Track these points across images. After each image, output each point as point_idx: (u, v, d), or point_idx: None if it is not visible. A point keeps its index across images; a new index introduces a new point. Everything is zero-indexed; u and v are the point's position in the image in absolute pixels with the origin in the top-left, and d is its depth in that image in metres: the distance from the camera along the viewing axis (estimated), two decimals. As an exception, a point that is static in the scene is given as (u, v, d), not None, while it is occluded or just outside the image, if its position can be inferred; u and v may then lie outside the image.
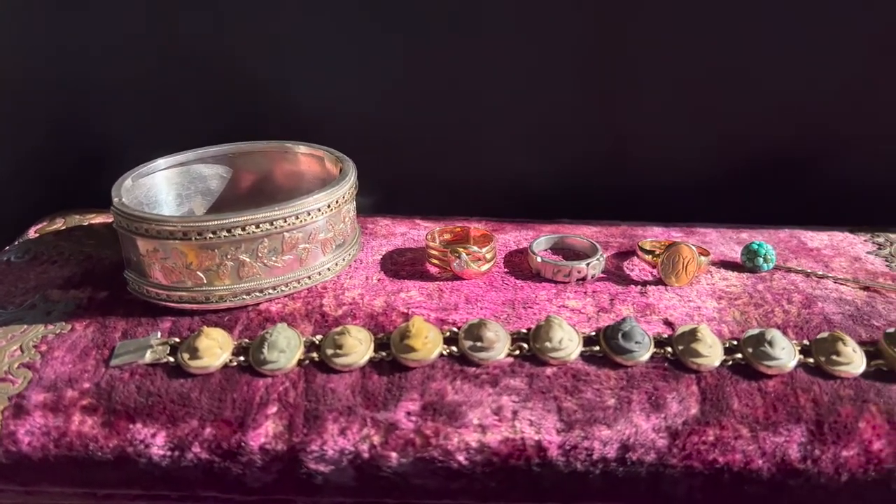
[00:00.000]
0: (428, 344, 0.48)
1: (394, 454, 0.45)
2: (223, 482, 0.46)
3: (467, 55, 0.70)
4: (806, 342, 0.50)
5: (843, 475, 0.45)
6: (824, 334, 0.50)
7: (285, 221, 0.51)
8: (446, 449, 0.45)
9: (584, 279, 0.57)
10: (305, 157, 0.63)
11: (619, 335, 0.49)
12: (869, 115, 0.71)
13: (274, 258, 0.52)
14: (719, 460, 0.45)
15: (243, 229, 0.50)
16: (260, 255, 0.51)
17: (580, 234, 0.63)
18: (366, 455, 0.45)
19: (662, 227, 0.68)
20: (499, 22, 0.69)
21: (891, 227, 0.70)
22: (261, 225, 0.50)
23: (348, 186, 0.55)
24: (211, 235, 0.50)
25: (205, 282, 0.51)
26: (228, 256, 0.51)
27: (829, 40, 0.68)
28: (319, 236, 0.53)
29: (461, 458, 0.45)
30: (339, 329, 0.49)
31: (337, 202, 0.54)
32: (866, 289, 0.57)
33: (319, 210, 0.53)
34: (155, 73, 0.70)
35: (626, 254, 0.61)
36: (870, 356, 0.49)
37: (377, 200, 0.77)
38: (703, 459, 0.45)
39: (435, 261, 0.58)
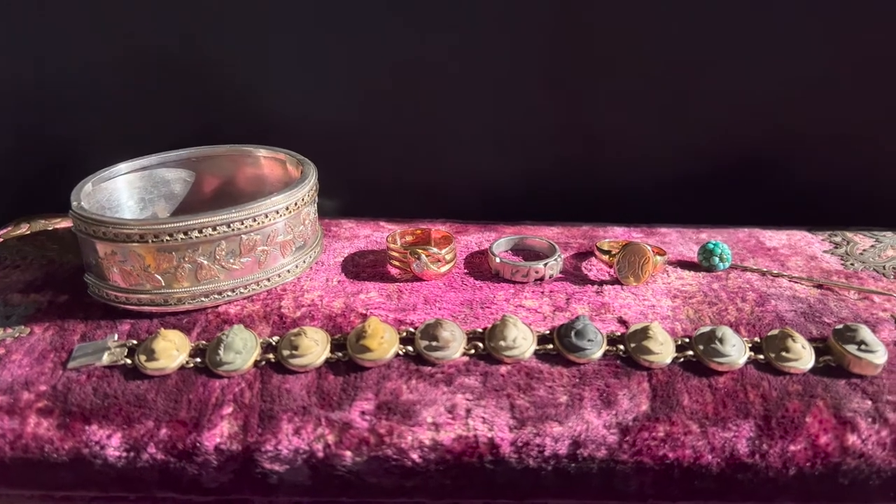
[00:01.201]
0: (384, 344, 0.49)
1: (348, 453, 0.45)
2: (179, 483, 0.46)
3: (433, 59, 0.71)
4: (757, 339, 0.51)
5: (791, 469, 0.45)
6: (775, 331, 0.51)
7: (242, 224, 0.51)
8: (400, 447, 0.45)
9: (542, 279, 0.57)
10: (267, 160, 0.63)
11: (573, 333, 0.49)
12: (832, 116, 0.72)
13: (232, 260, 0.52)
14: (669, 456, 0.45)
15: (200, 232, 0.50)
16: (218, 257, 0.52)
17: (542, 235, 0.64)
18: (320, 454, 0.45)
19: (624, 228, 0.69)
20: (465, 25, 0.69)
21: (852, 226, 0.70)
22: (218, 227, 0.51)
23: (308, 189, 0.56)
24: (168, 238, 0.50)
25: (163, 284, 0.52)
26: (186, 259, 0.51)
27: (791, 44, 0.69)
28: (278, 239, 0.54)
29: (415, 456, 0.45)
30: (295, 330, 0.50)
31: (296, 205, 0.54)
32: (820, 287, 0.58)
33: (278, 212, 0.53)
34: (121, 79, 0.71)
35: (585, 254, 0.62)
36: (819, 352, 0.50)
37: (344, 204, 0.78)
38: (653, 455, 0.45)
39: (395, 262, 0.58)
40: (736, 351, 0.49)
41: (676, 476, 0.46)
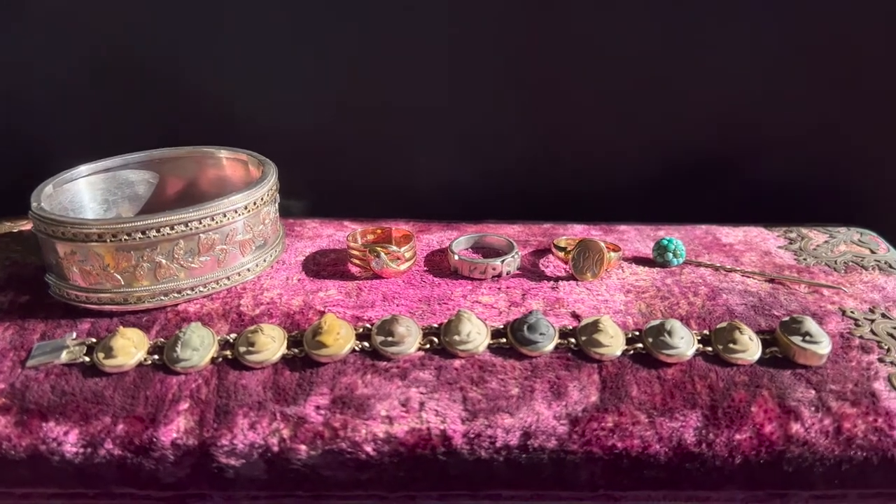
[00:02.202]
0: (339, 340, 0.50)
1: (303, 447, 0.46)
2: (137, 478, 0.47)
3: (397, 61, 0.72)
4: (706, 332, 0.52)
5: (737, 458, 0.47)
6: (723, 324, 0.52)
7: (200, 223, 0.52)
8: (354, 440, 0.46)
9: (499, 276, 0.58)
10: (230, 161, 0.64)
11: (525, 327, 0.50)
12: (788, 116, 0.74)
13: (191, 259, 0.53)
14: (618, 446, 0.46)
15: (158, 231, 0.51)
16: (177, 256, 0.52)
17: (503, 233, 0.65)
18: (275, 448, 0.46)
19: (583, 226, 0.70)
20: (428, 27, 0.70)
21: (809, 223, 0.72)
22: (176, 227, 0.51)
23: (267, 189, 0.57)
24: (126, 237, 0.51)
25: (123, 283, 0.52)
26: (145, 258, 0.52)
27: (747, 46, 0.70)
28: (237, 238, 0.55)
29: (369, 449, 0.46)
30: (252, 328, 0.50)
31: (255, 204, 0.55)
32: (772, 281, 0.59)
33: (236, 212, 0.54)
34: (86, 82, 0.71)
35: (543, 251, 0.63)
36: (766, 344, 0.51)
37: (312, 205, 0.79)
38: (602, 445, 0.46)
39: (356, 261, 0.59)
40: (684, 343, 0.50)
41: (625, 466, 0.47)
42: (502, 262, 0.58)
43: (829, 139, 0.75)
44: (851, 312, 0.55)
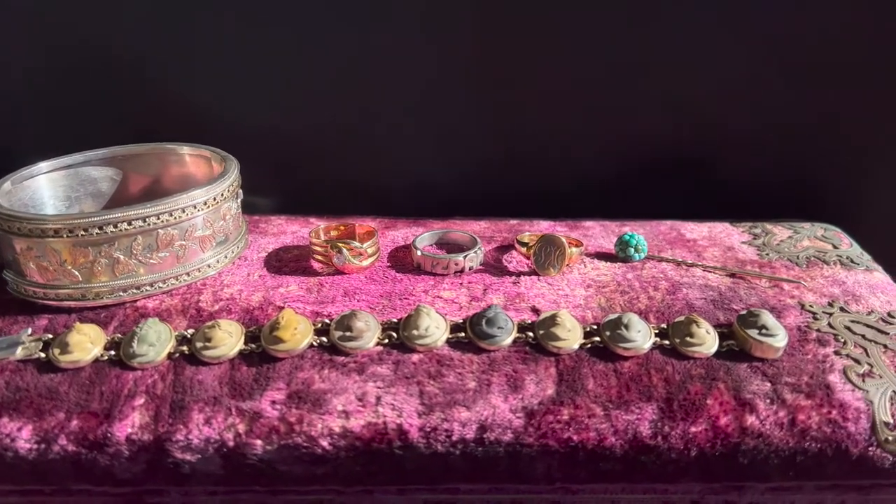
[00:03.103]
0: (297, 335, 0.50)
1: (258, 441, 0.46)
2: (92, 474, 0.47)
3: (365, 60, 0.72)
4: (664, 325, 0.52)
5: (692, 450, 0.47)
6: (680, 318, 0.52)
7: (158, 219, 0.52)
8: (310, 435, 0.46)
9: (461, 271, 0.59)
10: (193, 157, 0.64)
11: (483, 322, 0.51)
12: (755, 115, 0.74)
13: (150, 255, 0.53)
14: (574, 438, 0.46)
15: (116, 227, 0.51)
16: (135, 252, 0.52)
17: (469, 230, 0.65)
18: (231, 443, 0.46)
19: (549, 222, 0.70)
20: (396, 26, 0.70)
21: (774, 219, 0.72)
22: (133, 222, 0.51)
23: (228, 184, 0.56)
24: (83, 233, 0.50)
25: (81, 279, 0.52)
26: (102, 254, 0.51)
27: (716, 44, 0.71)
28: (197, 234, 0.54)
29: (325, 443, 0.46)
30: (210, 323, 0.50)
31: (215, 199, 0.55)
32: (733, 275, 0.60)
33: (195, 207, 0.54)
34: (48, 79, 0.71)
35: (508, 247, 0.63)
36: (723, 337, 0.51)
37: (280, 202, 0.79)
38: (558, 438, 0.46)
39: (318, 257, 0.59)
40: (641, 336, 0.50)
41: (581, 458, 0.47)
42: (465, 257, 0.58)
43: (793, 136, 0.75)
44: (810, 306, 0.56)
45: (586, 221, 0.70)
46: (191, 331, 0.51)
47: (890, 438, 0.47)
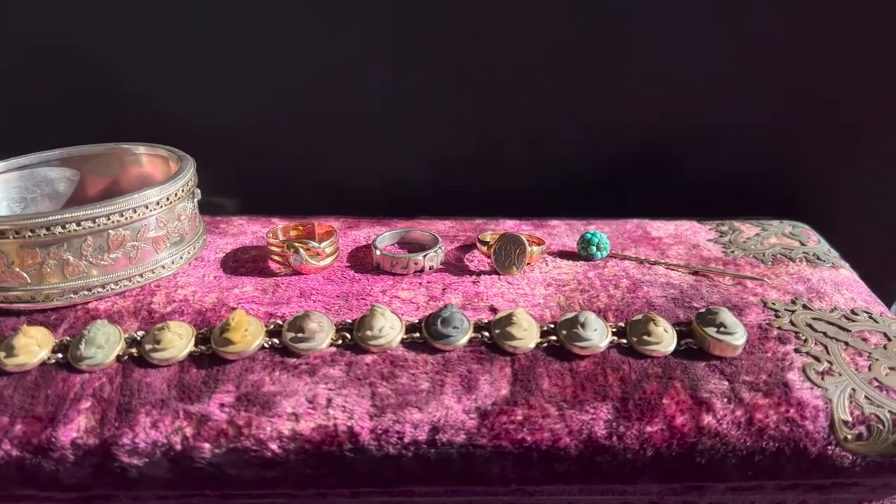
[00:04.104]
0: (247, 337, 0.49)
1: (206, 445, 0.45)
2: (37, 479, 0.46)
3: (332, 59, 0.71)
4: (622, 324, 0.52)
5: (648, 450, 0.46)
6: (639, 316, 0.52)
7: (109, 219, 0.51)
8: (259, 438, 0.45)
9: (421, 271, 0.58)
10: (149, 157, 0.63)
11: (439, 321, 0.50)
12: (725, 113, 0.74)
13: (101, 256, 0.52)
14: (527, 439, 0.46)
15: (64, 227, 0.50)
16: (85, 253, 0.51)
17: (433, 229, 0.65)
18: (178, 447, 0.45)
19: (515, 221, 0.69)
20: (362, 26, 0.70)
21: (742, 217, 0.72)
22: (82, 223, 0.50)
23: (182, 184, 0.55)
24: (30, 234, 0.49)
25: (30, 281, 0.51)
26: (51, 255, 0.51)
27: (679, 43, 0.70)
28: (149, 234, 0.54)
29: (274, 446, 0.45)
30: (160, 325, 0.49)
31: (168, 199, 0.54)
32: (696, 273, 0.59)
33: (147, 207, 0.53)
34: (4, 78, 0.70)
35: (470, 246, 0.63)
36: (682, 335, 0.51)
37: (247, 203, 0.78)
38: (511, 439, 0.46)
39: (276, 257, 0.58)
40: (598, 335, 0.50)
41: (536, 459, 0.46)
42: (424, 256, 0.57)
43: (760, 135, 0.75)
44: (773, 304, 0.55)
45: (552, 220, 0.70)
46: (141, 333, 0.50)
47: (849, 437, 0.46)
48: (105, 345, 0.48)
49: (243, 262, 0.60)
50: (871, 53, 0.70)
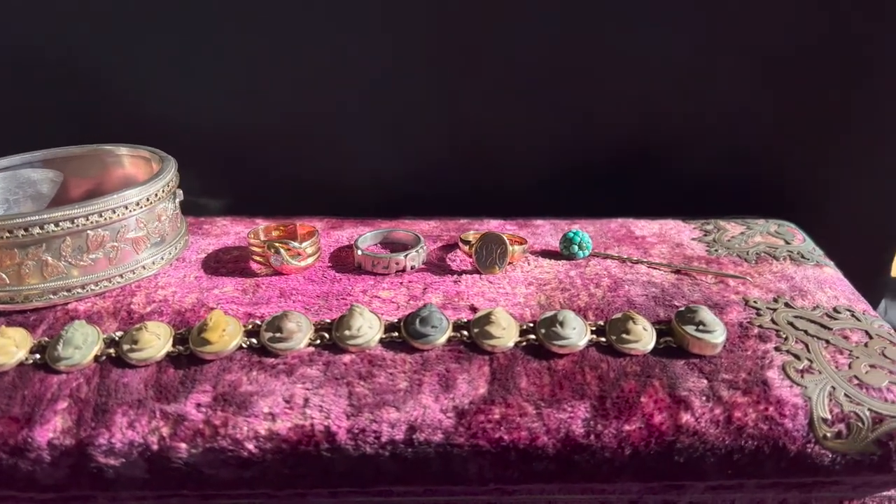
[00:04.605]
0: (225, 337, 0.49)
1: (183, 445, 0.45)
2: (14, 480, 0.46)
3: (317, 59, 0.71)
4: (601, 322, 0.52)
5: (627, 449, 0.46)
6: (618, 314, 0.51)
7: (87, 220, 0.51)
8: (235, 438, 0.45)
9: (403, 270, 0.58)
10: (132, 158, 0.63)
11: (417, 321, 0.50)
12: (707, 111, 0.74)
13: (80, 257, 0.52)
14: (505, 438, 0.46)
15: (42, 228, 0.50)
16: (64, 253, 0.51)
17: (417, 229, 0.65)
18: (155, 447, 0.45)
19: (499, 221, 0.69)
20: (346, 25, 0.70)
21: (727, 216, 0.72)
22: (61, 223, 0.50)
23: (162, 185, 0.55)
24: (8, 235, 0.49)
25: (8, 282, 0.51)
26: (30, 256, 0.51)
27: (667, 39, 0.70)
28: (129, 235, 0.54)
29: (251, 446, 0.45)
30: (137, 325, 0.49)
31: (148, 200, 0.54)
32: (678, 272, 0.59)
33: (127, 208, 0.53)
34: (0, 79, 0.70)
35: (453, 246, 0.63)
36: (661, 334, 0.51)
37: (232, 204, 0.78)
38: (489, 438, 0.46)
39: (257, 258, 0.58)
40: (576, 334, 0.49)
41: (513, 458, 0.46)
42: (406, 256, 0.57)
43: (744, 133, 0.75)
44: (754, 302, 0.55)
45: (537, 220, 0.69)
46: (119, 333, 0.50)
47: (828, 435, 0.46)
48: (83, 345, 0.48)
49: (225, 263, 0.59)
50: (854, 52, 0.70)
